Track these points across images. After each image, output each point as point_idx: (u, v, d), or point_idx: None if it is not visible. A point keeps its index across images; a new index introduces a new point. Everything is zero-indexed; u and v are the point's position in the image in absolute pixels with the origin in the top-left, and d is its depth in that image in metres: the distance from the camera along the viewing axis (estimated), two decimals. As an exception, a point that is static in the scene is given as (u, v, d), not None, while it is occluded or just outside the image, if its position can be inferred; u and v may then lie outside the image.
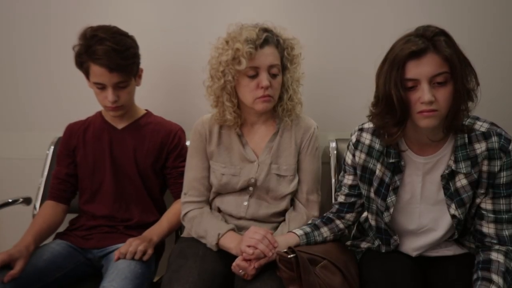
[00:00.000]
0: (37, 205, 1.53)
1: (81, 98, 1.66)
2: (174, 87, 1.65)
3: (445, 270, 1.06)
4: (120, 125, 1.39)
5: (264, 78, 1.13)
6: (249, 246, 1.03)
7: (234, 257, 1.07)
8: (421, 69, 0.89)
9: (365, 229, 1.22)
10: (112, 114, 1.33)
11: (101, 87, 1.25)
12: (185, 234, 1.28)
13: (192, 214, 1.23)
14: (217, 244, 1.13)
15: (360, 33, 1.54)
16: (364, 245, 1.18)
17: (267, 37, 1.14)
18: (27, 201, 1.57)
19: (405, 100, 0.91)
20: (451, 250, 1.11)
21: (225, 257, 1.12)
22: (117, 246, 1.25)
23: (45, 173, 1.56)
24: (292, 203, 1.26)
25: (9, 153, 1.77)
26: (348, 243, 1.23)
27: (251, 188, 1.22)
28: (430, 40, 0.90)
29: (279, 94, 1.21)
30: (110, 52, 1.19)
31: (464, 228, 1.06)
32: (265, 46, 1.13)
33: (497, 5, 1.48)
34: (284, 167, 1.22)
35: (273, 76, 1.16)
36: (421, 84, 0.90)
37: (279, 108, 1.23)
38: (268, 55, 1.14)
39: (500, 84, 1.51)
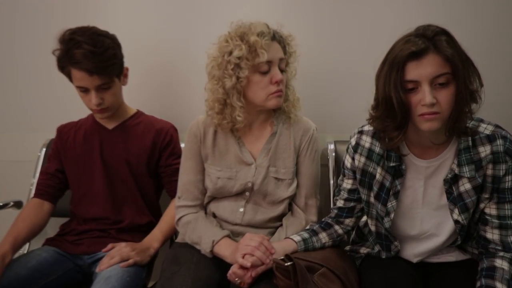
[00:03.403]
0: (28, 209, 1.49)
1: (72, 100, 1.60)
2: (164, 86, 1.62)
3: (447, 276, 1.03)
4: (110, 125, 1.37)
5: (277, 72, 1.12)
6: (245, 254, 1.00)
7: (229, 264, 1.04)
8: (422, 70, 0.86)
9: (365, 234, 1.18)
10: (99, 116, 1.31)
11: (84, 90, 1.23)
12: (179, 239, 1.25)
13: (186, 219, 1.19)
14: (211, 251, 1.10)
15: (359, 33, 1.51)
16: (363, 250, 1.15)
17: (274, 33, 1.13)
18: (18, 204, 1.54)
19: (405, 102, 0.88)
20: (453, 256, 1.08)
21: (220, 264, 1.09)
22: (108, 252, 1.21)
23: (37, 175, 1.52)
24: (289, 207, 1.22)
25: (-1, 155, 1.73)
26: (347, 248, 1.20)
27: (247, 193, 1.19)
28: (430, 40, 0.86)
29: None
30: (88, 55, 1.16)
31: (467, 234, 1.03)
32: (274, 41, 1.12)
33: (497, 3, 1.45)
34: (283, 170, 1.18)
35: (282, 70, 1.15)
36: (421, 86, 0.87)
37: (284, 105, 1.20)
38: (278, 50, 1.13)
39: (502, 84, 1.48)
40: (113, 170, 1.33)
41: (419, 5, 1.47)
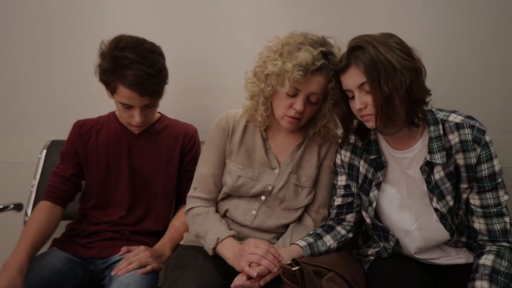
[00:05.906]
0: (29, 212, 1.48)
1: (72, 101, 1.63)
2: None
3: (457, 280, 1.02)
4: (136, 130, 1.30)
5: (299, 103, 1.06)
6: (251, 263, 0.97)
7: (233, 269, 1.02)
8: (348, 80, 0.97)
9: (370, 234, 1.18)
10: (136, 130, 1.27)
11: (128, 107, 1.17)
12: (183, 241, 1.23)
13: (197, 210, 1.17)
14: (214, 248, 1.08)
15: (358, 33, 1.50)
16: (371, 251, 1.15)
17: (322, 66, 1.04)
18: (18, 207, 1.51)
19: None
20: (463, 258, 1.07)
21: (225, 268, 1.07)
22: (122, 257, 1.16)
23: (38, 177, 1.51)
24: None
25: (-1, 156, 1.71)
26: (354, 252, 1.19)
27: (263, 197, 1.17)
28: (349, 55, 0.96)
29: (314, 118, 1.15)
30: (142, 77, 1.09)
31: (460, 228, 1.04)
32: (316, 73, 1.05)
33: (497, 3, 1.45)
34: (304, 178, 1.17)
35: (310, 102, 1.09)
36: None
37: (311, 131, 1.16)
38: (314, 83, 1.06)
39: (502, 85, 1.48)
40: (139, 176, 1.29)
41: (420, 5, 1.47)
